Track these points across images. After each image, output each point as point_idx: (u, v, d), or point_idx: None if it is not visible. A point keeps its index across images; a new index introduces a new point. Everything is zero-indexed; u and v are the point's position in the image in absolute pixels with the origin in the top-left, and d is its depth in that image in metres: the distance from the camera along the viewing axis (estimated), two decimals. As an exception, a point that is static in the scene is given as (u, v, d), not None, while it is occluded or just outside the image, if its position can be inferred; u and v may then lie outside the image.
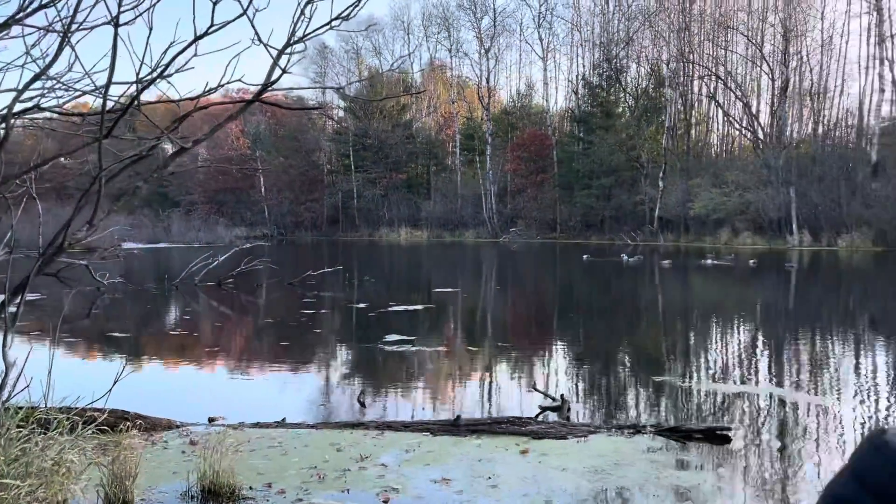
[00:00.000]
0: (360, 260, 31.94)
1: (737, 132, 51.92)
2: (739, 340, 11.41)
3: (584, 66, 53.03)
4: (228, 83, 4.05)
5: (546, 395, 7.15)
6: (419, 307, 15.12)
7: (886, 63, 41.39)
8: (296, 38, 4.01)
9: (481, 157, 53.50)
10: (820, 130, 48.17)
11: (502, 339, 11.73)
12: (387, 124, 56.36)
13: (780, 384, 7.95)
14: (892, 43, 41.55)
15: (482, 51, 54.59)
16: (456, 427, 5.91)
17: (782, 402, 7.08)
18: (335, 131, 59.76)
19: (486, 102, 54.16)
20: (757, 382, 8.06)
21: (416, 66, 60.19)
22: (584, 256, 30.99)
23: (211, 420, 6.47)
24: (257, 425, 6.19)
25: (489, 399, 7.65)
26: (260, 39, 3.82)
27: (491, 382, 8.57)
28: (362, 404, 7.26)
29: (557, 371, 9.08)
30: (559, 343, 11.59)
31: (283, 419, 6.33)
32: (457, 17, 56.75)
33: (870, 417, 6.56)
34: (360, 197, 55.45)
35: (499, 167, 52.42)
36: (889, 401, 7.30)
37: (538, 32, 56.22)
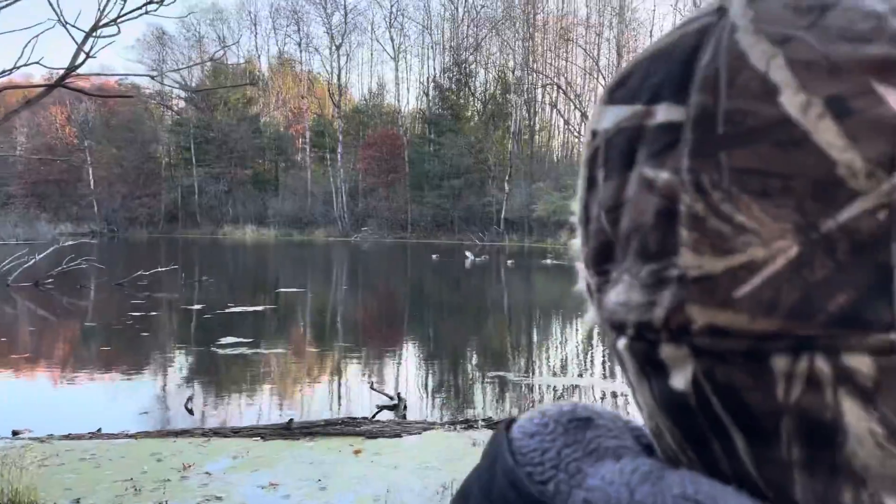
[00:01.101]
0: (201, 259, 30.44)
1: (575, 139, 55.10)
2: (577, 336, 12.07)
3: (434, 69, 54.01)
4: (25, 65, 3.68)
5: (384, 394, 7.17)
6: (261, 308, 14.64)
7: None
8: (105, 22, 3.72)
9: (332, 154, 52.89)
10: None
11: (346, 340, 11.63)
12: (231, 117, 54.21)
13: (613, 376, 8.48)
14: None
15: (333, 47, 54.01)
16: (288, 430, 5.77)
17: (614, 395, 7.56)
18: (175, 123, 56.58)
19: (338, 100, 53.63)
20: (592, 375, 8.55)
21: (265, 59, 58.46)
22: (434, 256, 31.51)
23: (15, 433, 5.90)
24: (68, 437, 5.70)
25: (327, 401, 7.55)
26: (61, 20, 3.50)
27: (331, 384, 8.46)
28: (190, 411, 6.92)
29: (400, 370, 9.13)
30: (404, 342, 11.68)
31: (99, 429, 5.88)
32: (307, 10, 55.78)
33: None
34: (201, 192, 52.89)
35: (350, 165, 52.10)
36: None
37: (389, 33, 56.49)
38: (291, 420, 5.89)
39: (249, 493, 4.57)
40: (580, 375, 8.45)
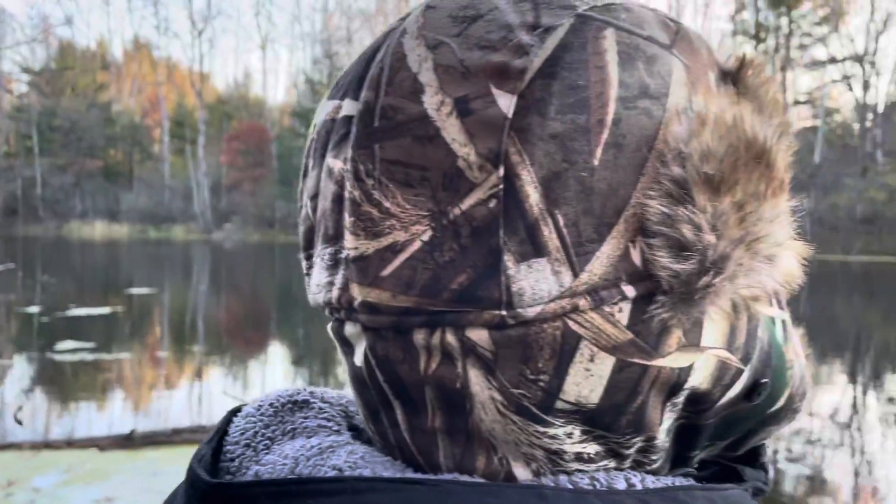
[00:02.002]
0: (43, 257, 27.81)
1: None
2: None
3: (304, 61, 52.67)
4: None
5: (240, 400, 6.64)
6: (108, 310, 13.40)
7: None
8: None
9: (193, 146, 50.20)
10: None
11: (203, 344, 10.84)
12: (80, 104, 50.11)
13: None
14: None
15: (195, 32, 51.27)
16: (130, 440, 5.15)
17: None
18: (14, 108, 51.53)
19: (199, 88, 50.98)
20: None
21: (118, 42, 54.63)
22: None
23: None
24: None
25: (180, 409, 6.88)
26: None
27: (184, 391, 7.77)
28: (19, 422, 6.10)
29: (265, 375, 8.58)
30: (268, 346, 11.06)
31: None
32: (166, -8, 52.61)
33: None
34: (45, 185, 48.51)
35: (213, 159, 49.67)
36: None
37: (256, 20, 54.48)
38: (134, 430, 5.27)
39: (79, 511, 4.01)
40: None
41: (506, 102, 0.33)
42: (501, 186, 0.32)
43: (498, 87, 0.33)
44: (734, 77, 0.39)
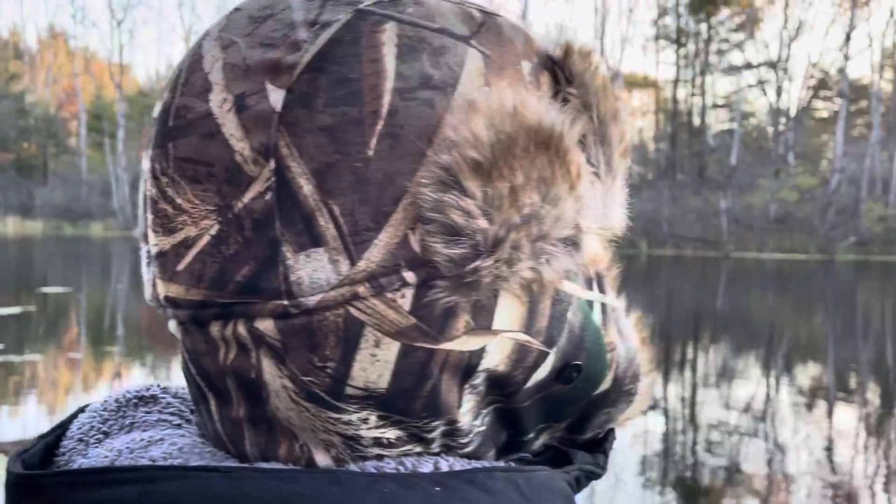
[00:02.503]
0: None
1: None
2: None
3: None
4: None
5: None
6: (18, 310, 12.72)
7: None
8: None
9: (112, 140, 48.18)
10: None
11: (120, 344, 10.40)
12: (-10, 94, 47.38)
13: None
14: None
15: (114, 23, 49.22)
16: (40, 450, 4.86)
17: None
18: (-85, 96, 48.29)
19: (119, 80, 48.96)
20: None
21: (32, 31, 51.88)
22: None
23: None
24: None
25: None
26: None
27: (100, 393, 7.42)
28: None
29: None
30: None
31: None
32: (83, -20, 50.31)
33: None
34: (-50, 179, 45.65)
35: (134, 153, 47.77)
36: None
37: (180, 11, 52.70)
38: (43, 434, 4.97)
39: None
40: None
41: (276, 97, 0.33)
42: (274, 179, 0.33)
43: (272, 83, 0.34)
44: (560, 65, 0.40)
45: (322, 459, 0.37)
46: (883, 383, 8.36)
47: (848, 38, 41.76)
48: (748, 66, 46.62)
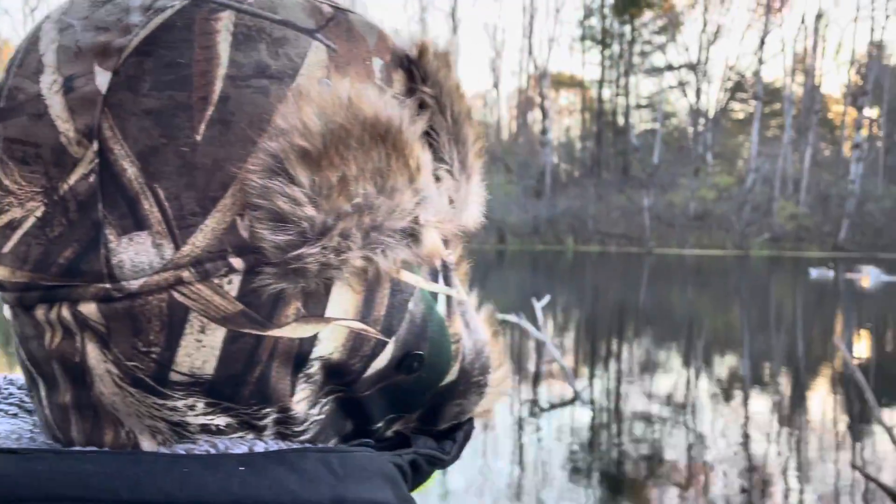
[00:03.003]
0: None
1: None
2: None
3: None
4: None
5: None
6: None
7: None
8: None
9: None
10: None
11: None
12: None
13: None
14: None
15: (27, 10, 46.69)
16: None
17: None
18: None
19: (31, 70, 46.57)
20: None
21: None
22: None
23: None
24: None
25: None
26: None
27: None
28: None
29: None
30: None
31: None
32: (-10, -37, 47.51)
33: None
34: None
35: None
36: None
37: None
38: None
39: None
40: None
41: (102, 80, 0.33)
42: (97, 161, 0.33)
43: (100, 66, 0.34)
44: (416, 64, 0.40)
45: (148, 446, 0.36)
46: (794, 373, 8.78)
47: (762, 42, 43.74)
48: (669, 67, 48.20)
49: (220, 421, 0.36)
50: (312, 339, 0.36)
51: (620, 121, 48.95)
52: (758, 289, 21.21)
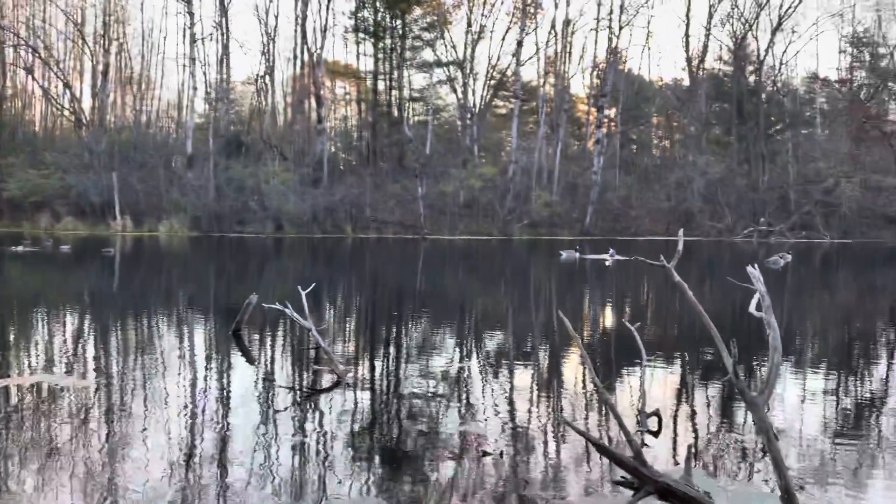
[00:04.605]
0: None
1: (58, 111, 48.86)
2: (63, 330, 10.48)
3: None
4: None
5: None
6: None
7: (199, 63, 45.20)
8: None
9: None
10: (143, 119, 49.48)
11: None
12: None
13: (107, 373, 7.57)
14: (203, 45, 45.66)
15: None
16: None
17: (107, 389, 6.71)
18: None
19: None
20: (84, 374, 7.45)
21: None
22: None
23: None
24: None
25: None
26: None
27: None
28: None
29: None
30: None
31: None
32: None
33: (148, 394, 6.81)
34: None
35: None
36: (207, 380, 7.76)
37: None
38: None
39: None
40: (69, 373, 7.34)
41: None
42: None
43: None
44: None
45: None
46: (552, 346, 9.75)
47: (519, 44, 47.28)
48: (438, 63, 50.27)
49: None
50: None
51: (395, 112, 50.08)
52: (519, 270, 23.08)
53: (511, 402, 6.60)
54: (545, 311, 13.46)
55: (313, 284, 8.51)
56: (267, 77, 48.72)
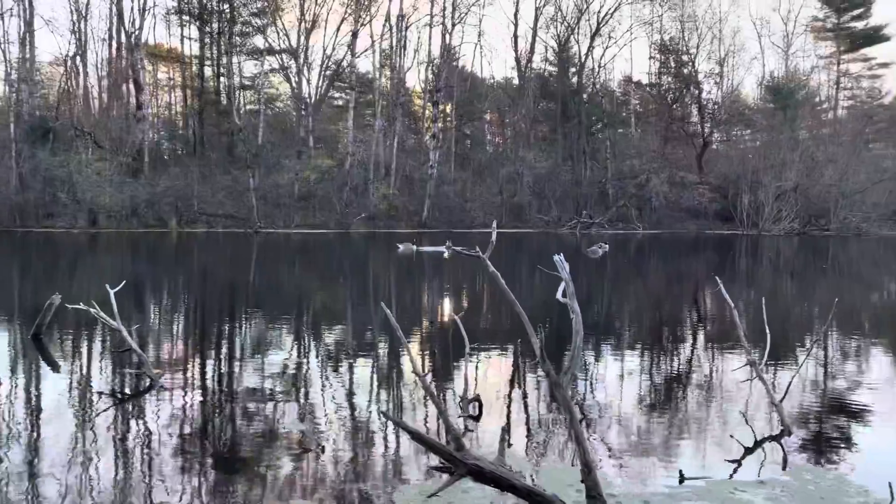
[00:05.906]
0: None
1: None
2: None
3: None
4: None
5: None
6: None
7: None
8: None
9: None
10: None
11: None
12: None
13: None
14: (3, 20, 40.77)
15: None
16: None
17: None
18: None
19: None
20: None
21: None
22: None
23: None
24: None
25: None
26: None
27: None
28: None
29: None
30: None
31: None
32: None
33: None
34: None
35: None
36: None
37: None
38: None
39: None
40: None
41: None
42: None
43: None
44: None
45: None
46: (390, 340, 9.81)
47: (354, 36, 46.92)
48: (270, 51, 48.62)
49: None
50: None
51: (224, 100, 47.81)
52: (357, 264, 22.99)
53: (342, 397, 6.55)
54: (376, 303, 13.49)
55: (123, 282, 7.89)
56: (78, 58, 44.55)
